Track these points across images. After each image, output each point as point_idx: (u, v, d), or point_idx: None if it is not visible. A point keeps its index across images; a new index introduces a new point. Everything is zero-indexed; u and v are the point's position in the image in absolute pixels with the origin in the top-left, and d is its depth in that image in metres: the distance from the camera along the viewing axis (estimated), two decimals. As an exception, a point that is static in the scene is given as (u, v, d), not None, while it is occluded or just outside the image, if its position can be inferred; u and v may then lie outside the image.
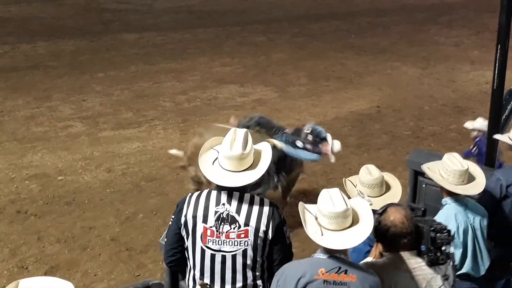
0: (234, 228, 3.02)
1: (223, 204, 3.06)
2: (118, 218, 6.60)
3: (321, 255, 2.84)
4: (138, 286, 4.16)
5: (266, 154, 3.20)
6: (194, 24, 18.99)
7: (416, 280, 2.95)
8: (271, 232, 3.04)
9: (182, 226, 3.11)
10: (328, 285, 2.76)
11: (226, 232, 3.03)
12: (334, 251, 2.82)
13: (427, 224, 3.04)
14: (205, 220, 3.05)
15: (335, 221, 2.79)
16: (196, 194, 3.16)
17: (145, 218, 6.62)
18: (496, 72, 5.00)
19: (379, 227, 3.01)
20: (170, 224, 3.21)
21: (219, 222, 3.04)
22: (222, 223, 3.03)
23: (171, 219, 3.20)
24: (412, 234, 2.99)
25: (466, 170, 3.77)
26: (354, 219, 2.85)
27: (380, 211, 3.07)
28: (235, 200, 3.06)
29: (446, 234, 2.98)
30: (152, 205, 6.93)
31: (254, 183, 3.20)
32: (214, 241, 3.04)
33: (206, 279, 3.09)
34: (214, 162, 3.14)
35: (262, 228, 3.03)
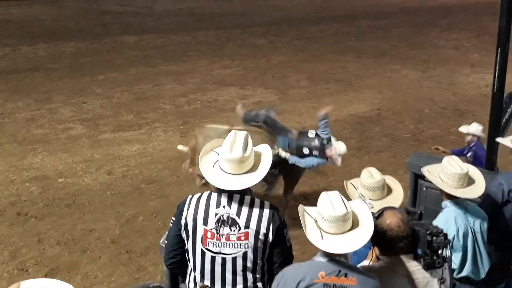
0: (234, 230, 3.02)
1: (224, 206, 3.06)
2: (118, 221, 6.60)
3: (321, 258, 2.84)
4: (138, 289, 4.16)
5: (266, 156, 3.20)
6: (194, 26, 19.04)
7: (412, 283, 2.95)
8: (272, 234, 3.04)
9: (183, 228, 3.10)
10: (328, 288, 2.75)
11: (227, 234, 3.03)
12: (334, 254, 2.81)
13: (424, 227, 3.03)
14: (205, 222, 3.05)
15: (335, 224, 2.78)
16: (196, 196, 3.16)
17: (145, 220, 6.62)
18: (496, 75, 5.00)
19: (376, 231, 3.00)
20: (170, 226, 3.21)
21: (220, 224, 3.04)
22: (223, 226, 3.03)
23: (172, 221, 3.20)
24: (408, 238, 2.98)
25: (466, 173, 3.76)
26: (354, 222, 2.84)
27: (376, 215, 3.06)
28: (236, 202, 3.06)
29: (442, 237, 2.97)
30: (152, 207, 6.93)
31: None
32: (215, 243, 3.04)
33: (207, 281, 3.09)
34: (214, 164, 3.14)
35: (263, 230, 3.03)
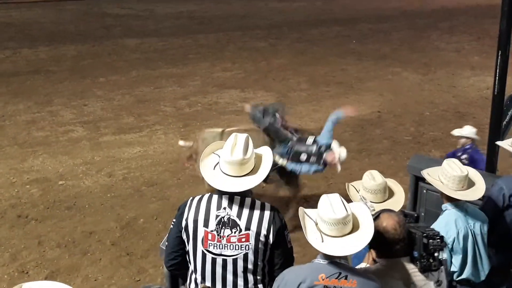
0: (235, 232, 3.03)
1: (224, 208, 3.06)
2: (119, 223, 6.60)
3: (321, 260, 2.84)
4: (138, 291, 4.16)
5: (267, 158, 3.21)
6: (195, 29, 19.06)
7: (409, 286, 2.94)
8: (272, 236, 3.05)
9: (183, 229, 3.11)
10: (328, 290, 2.75)
11: (227, 236, 3.03)
12: (335, 257, 2.81)
13: (420, 230, 3.03)
14: (206, 224, 3.06)
15: (336, 227, 2.78)
16: (197, 197, 3.17)
17: (145, 223, 6.62)
18: (496, 78, 5.01)
19: None
20: (171, 227, 3.21)
21: (220, 226, 3.04)
22: (223, 227, 3.04)
23: (172, 223, 3.20)
24: (404, 240, 2.97)
25: (466, 175, 3.75)
26: (355, 225, 2.84)
27: (373, 217, 3.06)
28: (236, 204, 3.06)
29: (438, 240, 2.97)
30: (152, 210, 6.93)
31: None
32: (215, 245, 3.04)
33: (208, 283, 3.09)
34: (215, 167, 3.15)
35: (263, 232, 3.03)
